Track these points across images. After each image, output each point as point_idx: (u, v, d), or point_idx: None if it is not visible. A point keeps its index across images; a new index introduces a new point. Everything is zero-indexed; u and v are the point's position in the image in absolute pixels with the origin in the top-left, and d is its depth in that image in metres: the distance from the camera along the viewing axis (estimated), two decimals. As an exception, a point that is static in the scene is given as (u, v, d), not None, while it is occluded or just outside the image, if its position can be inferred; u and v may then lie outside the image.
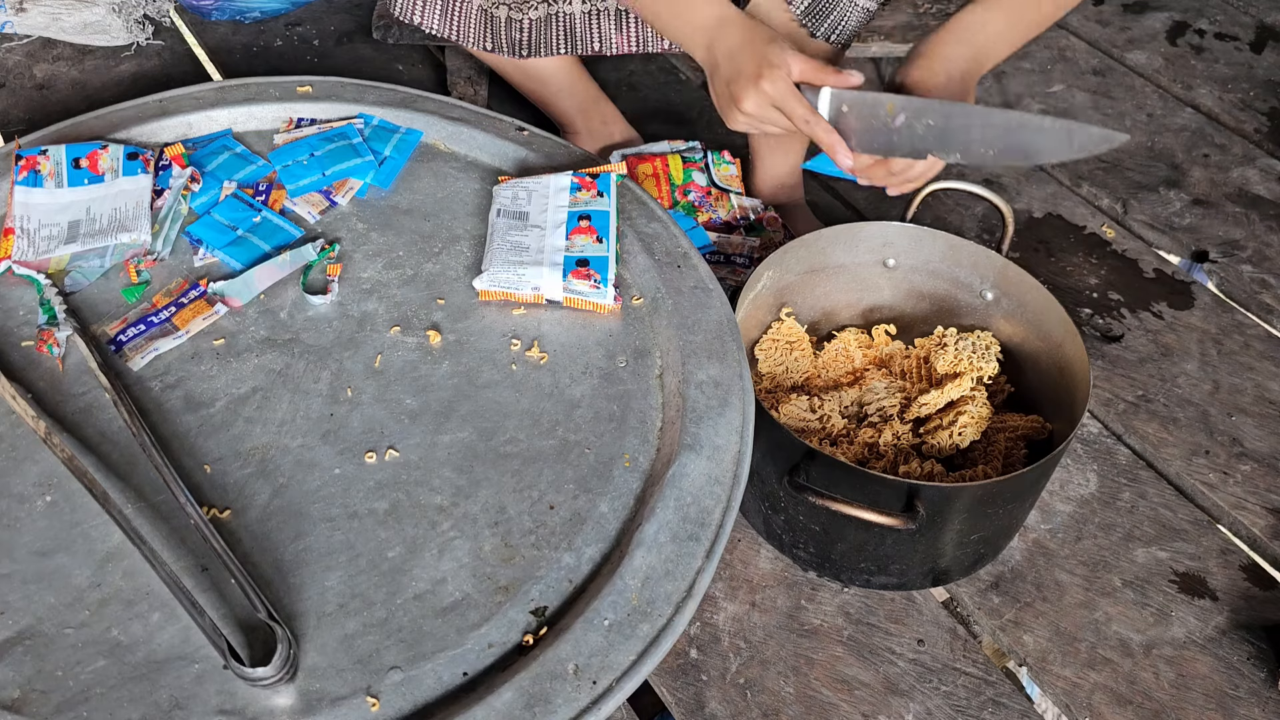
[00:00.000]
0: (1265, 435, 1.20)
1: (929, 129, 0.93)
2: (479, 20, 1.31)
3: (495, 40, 1.31)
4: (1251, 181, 1.53)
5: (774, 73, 0.95)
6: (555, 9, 1.28)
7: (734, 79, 0.98)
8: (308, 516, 0.85)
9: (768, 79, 0.95)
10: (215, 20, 1.71)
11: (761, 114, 0.98)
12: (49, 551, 0.81)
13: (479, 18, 1.31)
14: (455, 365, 0.96)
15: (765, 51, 0.96)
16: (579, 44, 1.30)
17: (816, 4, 1.14)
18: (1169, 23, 1.83)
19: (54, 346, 0.95)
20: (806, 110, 0.96)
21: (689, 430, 0.89)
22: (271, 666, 0.72)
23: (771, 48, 0.97)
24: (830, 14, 1.15)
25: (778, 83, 0.95)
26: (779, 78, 0.95)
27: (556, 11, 1.28)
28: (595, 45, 1.31)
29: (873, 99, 0.95)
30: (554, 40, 1.30)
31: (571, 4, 1.28)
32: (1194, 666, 1.00)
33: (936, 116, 0.93)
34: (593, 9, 1.28)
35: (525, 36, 1.30)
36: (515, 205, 1.06)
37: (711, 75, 1.03)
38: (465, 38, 1.32)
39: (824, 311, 1.20)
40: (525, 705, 0.73)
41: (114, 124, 1.16)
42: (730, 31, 1.00)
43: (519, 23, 1.29)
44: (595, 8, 1.28)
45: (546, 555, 0.83)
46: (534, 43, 1.31)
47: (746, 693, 0.96)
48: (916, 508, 0.91)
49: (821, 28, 1.17)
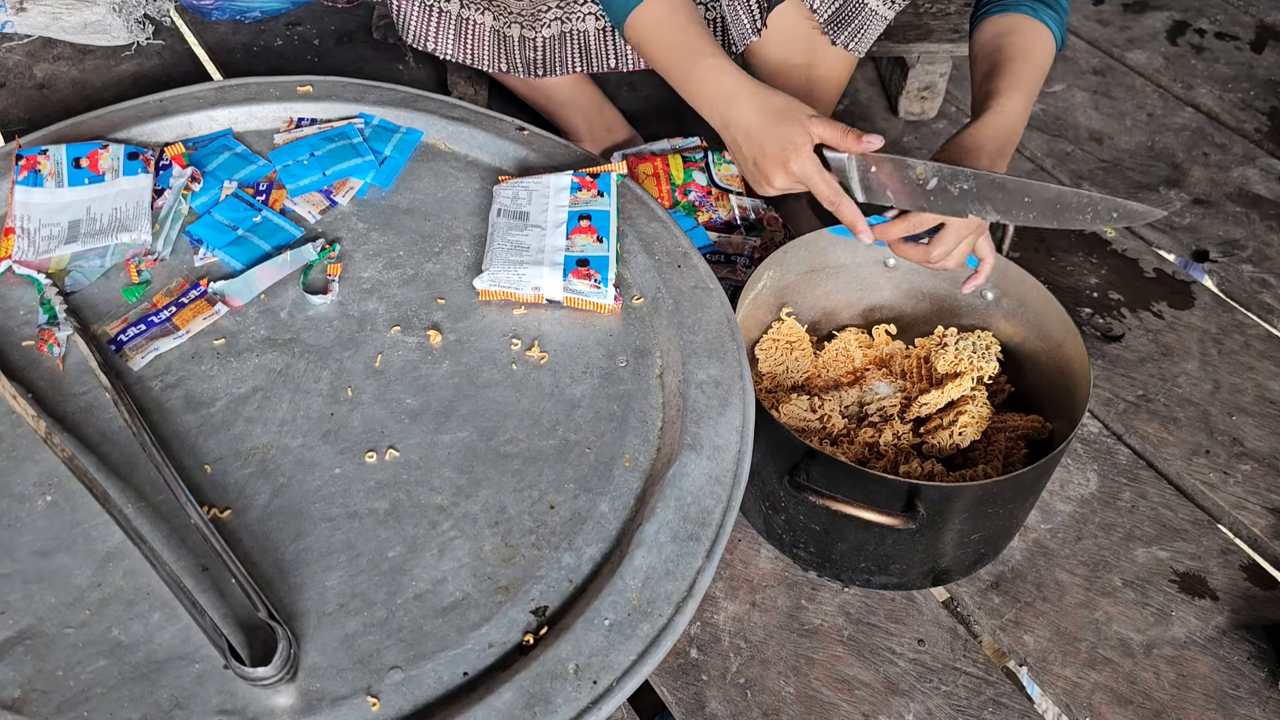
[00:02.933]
0: (1265, 435, 1.20)
1: (964, 192, 0.95)
2: (492, 41, 1.30)
3: (510, 61, 1.31)
4: (1252, 181, 1.53)
5: (798, 155, 0.97)
6: (569, 26, 1.27)
7: (760, 159, 1.00)
8: (308, 516, 0.85)
9: (794, 161, 0.98)
10: (215, 20, 1.71)
11: (791, 188, 1.01)
12: (49, 551, 0.81)
13: (492, 39, 1.30)
14: (455, 365, 0.96)
15: (786, 134, 0.98)
16: (594, 61, 1.30)
17: (839, 13, 1.16)
18: (1169, 22, 1.83)
19: (54, 346, 0.95)
20: (832, 191, 0.98)
21: (689, 430, 0.89)
22: (272, 666, 0.72)
23: (792, 129, 0.98)
24: (851, 22, 1.17)
25: (804, 163, 0.98)
26: (803, 158, 0.97)
27: (570, 29, 1.27)
28: (611, 62, 1.30)
29: (900, 161, 0.96)
30: (569, 58, 1.29)
31: (585, 21, 1.27)
32: (1194, 666, 1.00)
33: (969, 181, 0.94)
34: (606, 25, 1.27)
35: (539, 55, 1.29)
36: (515, 205, 1.06)
37: (732, 149, 1.05)
38: (480, 60, 1.32)
39: (824, 311, 1.20)
40: (525, 705, 0.73)
41: (114, 124, 1.16)
42: (743, 110, 1.01)
43: (532, 41, 1.28)
44: (609, 24, 1.27)
45: (547, 555, 0.83)
46: (548, 62, 1.30)
47: (747, 692, 0.96)
48: (917, 507, 0.91)
49: (841, 35, 1.19)
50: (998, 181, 0.93)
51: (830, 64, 1.27)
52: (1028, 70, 1.07)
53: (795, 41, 1.24)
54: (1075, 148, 1.58)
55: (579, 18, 1.26)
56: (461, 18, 1.30)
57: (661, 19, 1.06)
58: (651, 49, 1.07)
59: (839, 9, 1.17)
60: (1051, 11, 1.10)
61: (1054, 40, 1.11)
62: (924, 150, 1.56)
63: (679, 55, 1.05)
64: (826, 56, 1.25)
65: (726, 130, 1.03)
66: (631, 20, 1.07)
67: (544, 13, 1.25)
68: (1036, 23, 1.09)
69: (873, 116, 1.62)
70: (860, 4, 1.17)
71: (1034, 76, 1.07)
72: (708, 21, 1.27)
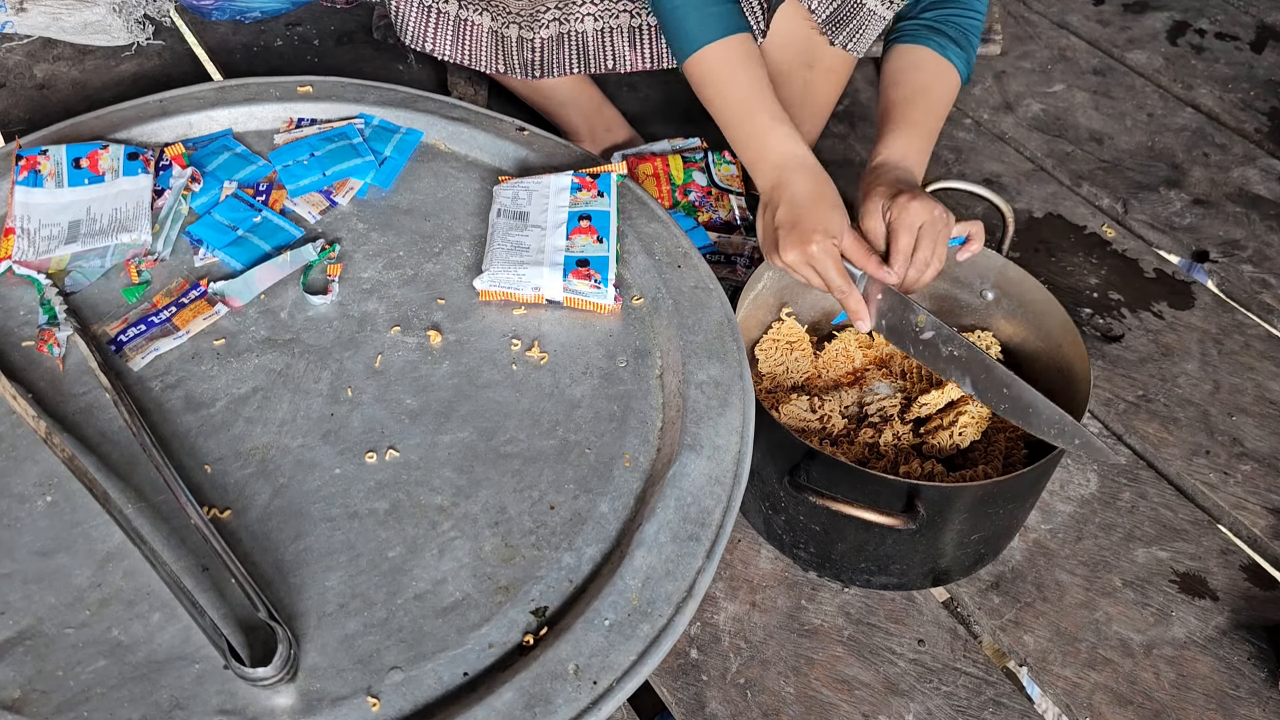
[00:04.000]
0: (1265, 435, 1.20)
1: (952, 357, 0.97)
2: (490, 42, 1.30)
3: (507, 62, 1.31)
4: (1252, 181, 1.53)
5: (827, 241, 0.98)
6: (567, 28, 1.27)
7: (787, 228, 1.00)
8: (308, 516, 0.85)
9: (819, 244, 0.97)
10: (215, 20, 1.71)
11: (796, 269, 1.00)
12: (49, 551, 0.81)
13: (490, 40, 1.30)
14: (455, 365, 0.96)
15: (829, 217, 0.99)
16: (592, 62, 1.29)
17: (837, 13, 1.16)
18: (1169, 22, 1.83)
19: (54, 346, 0.95)
20: (845, 282, 0.98)
21: (689, 430, 0.89)
22: (272, 666, 0.72)
23: (835, 215, 0.99)
24: (849, 22, 1.17)
25: (829, 250, 0.98)
26: (830, 247, 0.98)
27: (569, 30, 1.27)
28: (609, 63, 1.29)
29: (904, 303, 0.98)
30: (567, 59, 1.29)
31: (584, 22, 1.27)
32: (1194, 666, 1.00)
33: (961, 350, 0.97)
34: (605, 26, 1.27)
35: (537, 57, 1.29)
36: (515, 205, 1.06)
37: (765, 208, 1.04)
38: (478, 61, 1.32)
39: (824, 311, 1.20)
40: (525, 705, 0.73)
41: (114, 124, 1.16)
42: (801, 179, 1.02)
43: (530, 42, 1.28)
44: (608, 25, 1.27)
45: (547, 555, 0.83)
46: (546, 63, 1.30)
47: (747, 693, 0.96)
48: (917, 508, 0.91)
49: (840, 36, 1.19)
50: (987, 364, 0.95)
51: (829, 64, 1.27)
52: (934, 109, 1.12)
53: (794, 43, 1.24)
54: (1075, 148, 1.58)
55: (577, 19, 1.26)
56: (460, 19, 1.30)
57: (732, 62, 1.06)
58: (712, 90, 1.08)
59: (837, 9, 1.17)
60: (959, 50, 1.14)
61: (959, 78, 1.14)
62: (924, 150, 1.56)
63: (745, 104, 1.06)
64: (825, 57, 1.26)
65: (775, 191, 1.03)
66: (697, 58, 1.07)
67: (542, 14, 1.25)
68: (941, 60, 1.13)
69: (872, 117, 1.62)
70: (858, 4, 1.17)
71: (938, 114, 1.12)
72: None
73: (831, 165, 1.53)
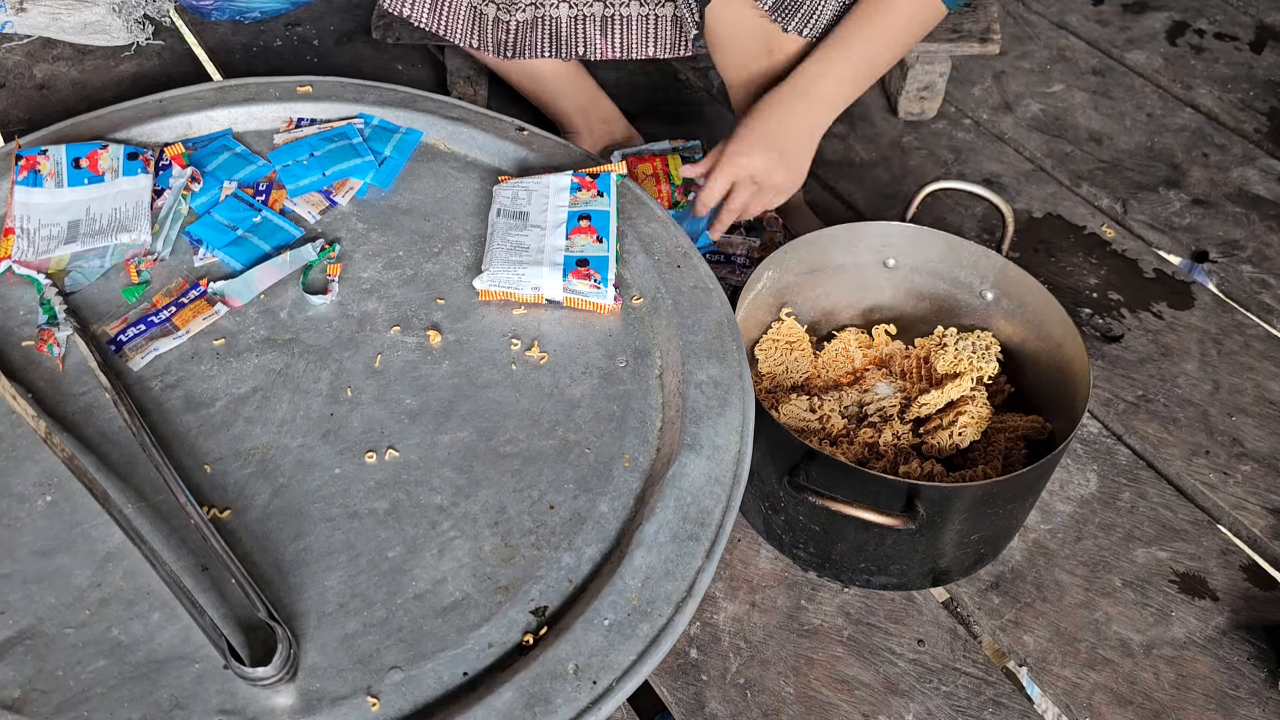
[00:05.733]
0: (1265, 435, 1.20)
1: None
2: (468, 16, 1.32)
3: (481, 38, 1.33)
4: (1251, 181, 1.53)
5: None
6: (542, 12, 1.29)
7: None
8: (308, 516, 0.85)
9: None
10: (215, 20, 1.71)
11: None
12: (49, 551, 0.81)
13: (468, 14, 1.32)
14: (455, 365, 0.96)
15: None
16: (564, 48, 1.32)
17: None
18: (1169, 23, 1.83)
19: (54, 346, 0.95)
20: None
21: (689, 430, 0.89)
22: (272, 666, 0.72)
23: None
24: (800, 9, 1.14)
25: None
26: None
27: (543, 15, 1.30)
28: (580, 49, 1.32)
29: None
30: (539, 42, 1.32)
31: (558, 8, 1.29)
32: (1194, 667, 1.00)
33: None
34: (579, 14, 1.29)
35: (510, 38, 1.31)
36: (515, 205, 1.06)
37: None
38: (453, 32, 1.33)
39: (824, 311, 1.20)
40: (525, 705, 0.73)
41: (114, 124, 1.16)
42: None
43: (505, 24, 1.30)
44: (581, 13, 1.29)
45: (546, 555, 0.83)
46: (518, 44, 1.32)
47: (746, 693, 0.96)
48: (916, 508, 0.91)
49: (792, 22, 1.16)
50: None
51: (789, 52, 1.22)
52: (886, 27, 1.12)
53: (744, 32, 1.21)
54: (1075, 148, 1.58)
55: (552, 4, 1.29)
56: None
57: None
58: None
59: None
60: None
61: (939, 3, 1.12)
62: (923, 150, 1.56)
63: None
64: (783, 44, 1.22)
65: None
66: None
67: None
68: None
69: (872, 117, 1.62)
70: None
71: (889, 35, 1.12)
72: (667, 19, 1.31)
73: (832, 165, 1.54)
